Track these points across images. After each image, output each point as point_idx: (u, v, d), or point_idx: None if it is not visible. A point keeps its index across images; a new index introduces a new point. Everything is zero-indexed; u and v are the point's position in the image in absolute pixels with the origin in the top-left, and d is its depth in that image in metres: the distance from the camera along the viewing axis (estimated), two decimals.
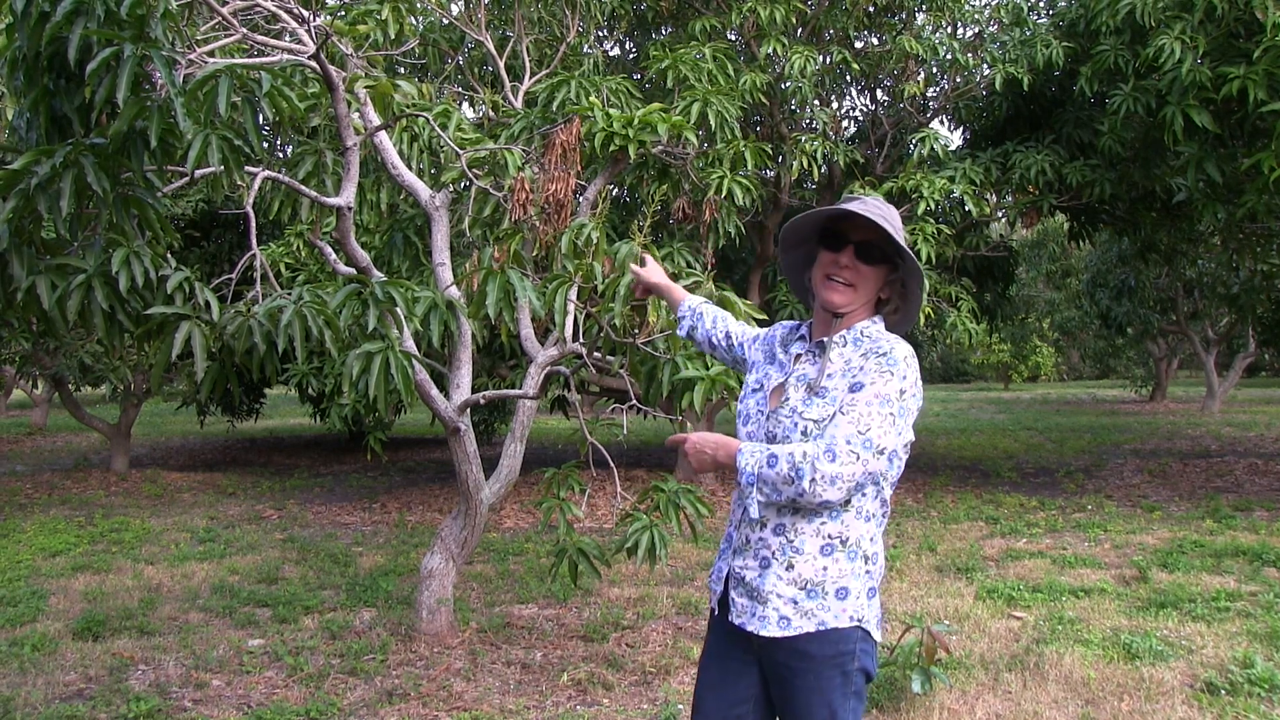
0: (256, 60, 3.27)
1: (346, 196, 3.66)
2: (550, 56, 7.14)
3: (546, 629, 4.90)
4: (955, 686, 3.91)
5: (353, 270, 3.93)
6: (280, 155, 6.01)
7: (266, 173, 3.57)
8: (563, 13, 7.31)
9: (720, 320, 2.45)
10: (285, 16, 3.82)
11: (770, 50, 7.89)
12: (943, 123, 12.17)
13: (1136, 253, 12.12)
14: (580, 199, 4.73)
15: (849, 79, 9.99)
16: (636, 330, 3.70)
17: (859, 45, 9.83)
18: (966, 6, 9.16)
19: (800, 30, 8.97)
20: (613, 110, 4.64)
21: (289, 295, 2.87)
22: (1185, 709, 3.69)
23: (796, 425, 1.92)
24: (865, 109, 11.04)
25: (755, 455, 1.88)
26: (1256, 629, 4.61)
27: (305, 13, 3.60)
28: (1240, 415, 17.83)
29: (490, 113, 6.09)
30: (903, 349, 1.91)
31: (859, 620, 1.90)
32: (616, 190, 8.73)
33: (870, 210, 1.97)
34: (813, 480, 1.79)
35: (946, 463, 11.79)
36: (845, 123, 10.97)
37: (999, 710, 3.72)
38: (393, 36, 4.51)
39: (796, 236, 2.14)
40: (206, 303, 2.83)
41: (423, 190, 4.62)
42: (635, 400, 4.19)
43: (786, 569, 1.92)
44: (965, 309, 8.66)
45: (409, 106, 4.65)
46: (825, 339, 2.00)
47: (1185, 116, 7.25)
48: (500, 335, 4.90)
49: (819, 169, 8.30)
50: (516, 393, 4.44)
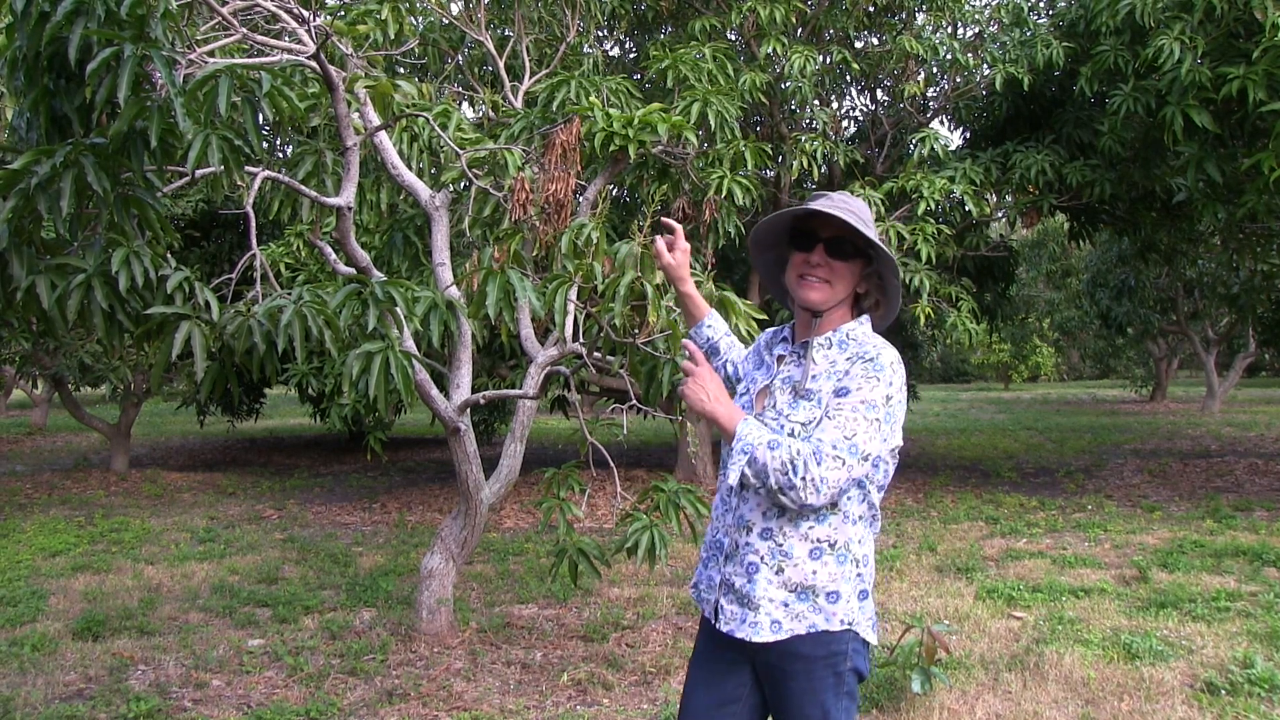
0: (256, 60, 3.27)
1: (346, 196, 3.66)
2: (550, 56, 7.14)
3: (546, 629, 4.90)
4: (955, 686, 3.91)
5: (353, 270, 3.93)
6: (280, 155, 6.01)
7: (266, 173, 3.57)
8: (563, 12, 7.31)
9: (729, 358, 2.37)
10: (285, 16, 3.82)
11: (770, 50, 7.89)
12: (943, 123, 12.18)
13: (1136, 253, 12.11)
14: (580, 199, 4.73)
15: (849, 79, 9.99)
16: (636, 330, 3.69)
17: (859, 45, 9.83)
18: (966, 6, 9.15)
19: (800, 30, 8.97)
20: (613, 110, 4.64)
21: (289, 295, 2.87)
22: (1185, 709, 3.69)
23: (782, 428, 1.92)
24: (865, 109, 11.06)
25: (758, 432, 1.85)
26: (1256, 629, 4.61)
27: (305, 13, 3.60)
28: (1240, 415, 17.83)
29: (490, 113, 6.09)
30: (889, 354, 1.89)
31: (850, 623, 1.91)
32: (616, 190, 8.73)
33: (837, 206, 1.95)
34: (804, 479, 1.78)
35: (946, 463, 11.79)
36: (845, 123, 10.97)
37: (999, 710, 3.72)
38: (392, 36, 4.51)
39: (768, 239, 2.13)
40: (206, 303, 2.83)
41: (423, 190, 4.62)
42: (635, 400, 4.19)
43: (776, 573, 1.91)
44: (965, 309, 8.66)
45: (409, 106, 4.65)
46: (808, 340, 1.99)
47: (1185, 116, 7.25)
48: (500, 335, 4.90)
49: (819, 169, 8.30)
50: (516, 393, 4.44)
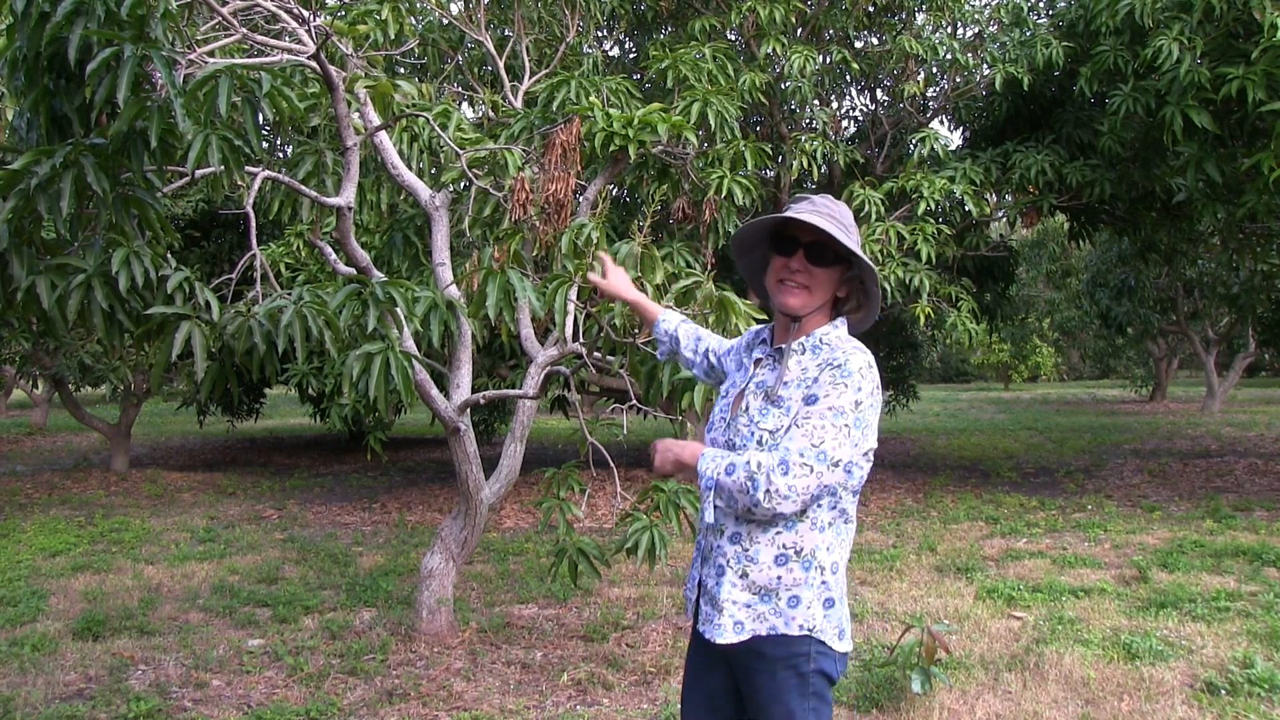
0: (256, 60, 3.27)
1: (346, 196, 3.66)
2: (550, 56, 7.14)
3: (546, 629, 4.90)
4: (955, 686, 3.91)
5: (353, 270, 3.93)
6: (280, 155, 6.01)
7: (266, 173, 3.57)
8: (562, 12, 7.31)
9: (700, 341, 2.40)
10: (285, 16, 3.82)
11: (770, 50, 7.89)
12: (943, 123, 12.18)
13: (1136, 253, 12.11)
14: (580, 199, 4.73)
15: (849, 79, 9.99)
16: (636, 330, 3.69)
17: (859, 45, 9.83)
18: (966, 6, 9.15)
19: (800, 30, 8.97)
20: (613, 110, 4.64)
21: (289, 295, 2.87)
22: (1185, 709, 3.69)
23: (753, 434, 1.93)
24: (865, 109, 11.05)
25: (715, 461, 1.88)
26: (1256, 629, 4.61)
27: (305, 13, 3.60)
28: (1240, 415, 17.83)
29: (490, 113, 6.09)
30: (858, 359, 1.88)
31: (810, 630, 1.91)
32: (616, 190, 8.73)
33: (819, 212, 1.95)
34: (767, 492, 1.79)
35: (946, 463, 11.79)
36: (845, 123, 10.97)
37: (999, 710, 3.72)
38: (392, 36, 4.51)
39: (750, 242, 2.12)
40: (206, 303, 2.83)
41: (423, 190, 4.62)
42: (635, 400, 4.19)
43: (741, 576, 1.93)
44: (965, 309, 8.66)
45: (409, 106, 4.65)
46: (784, 346, 1.99)
47: (1185, 117, 7.25)
48: (500, 335, 4.91)
49: (819, 169, 8.29)
50: (516, 393, 4.44)
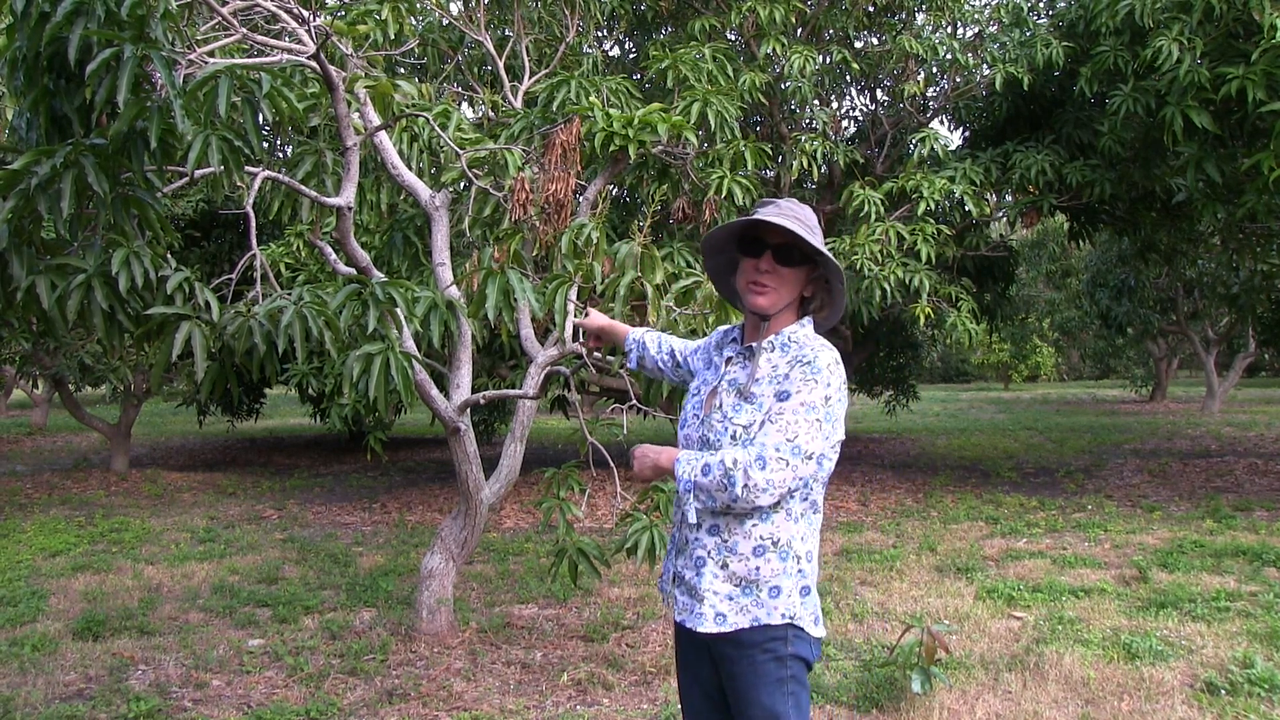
0: (256, 60, 3.27)
1: (346, 196, 3.66)
2: (550, 56, 7.14)
3: (546, 629, 4.90)
4: (955, 686, 3.91)
5: (353, 270, 3.93)
6: (280, 155, 6.01)
7: (266, 173, 3.57)
8: (562, 12, 7.30)
9: (664, 342, 2.50)
10: (285, 16, 3.83)
11: (770, 50, 7.89)
12: (943, 123, 12.19)
13: (1136, 253, 12.11)
14: (580, 199, 4.73)
15: (849, 79, 9.99)
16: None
17: (859, 45, 9.83)
18: (966, 6, 9.15)
19: (800, 30, 8.97)
20: (613, 110, 4.64)
21: (289, 295, 2.87)
22: (1185, 709, 3.69)
23: (726, 430, 2.00)
24: (865, 109, 11.05)
25: (691, 464, 1.96)
26: (1256, 629, 4.61)
27: (305, 13, 3.60)
28: (1240, 415, 17.83)
29: (490, 113, 6.08)
30: (826, 356, 1.97)
31: (791, 617, 1.98)
32: (616, 190, 8.73)
33: (785, 214, 2.02)
34: (745, 487, 1.87)
35: (946, 463, 11.79)
36: (845, 123, 10.97)
37: (999, 710, 3.72)
38: (392, 36, 4.51)
39: (718, 244, 2.21)
40: (206, 303, 2.83)
41: (423, 190, 4.62)
42: (635, 400, 4.19)
43: (721, 568, 2.00)
44: (965, 309, 8.66)
45: (409, 106, 4.65)
46: (754, 344, 2.06)
47: (1185, 117, 7.25)
48: (500, 335, 4.91)
49: (819, 169, 8.29)
50: (516, 393, 4.44)
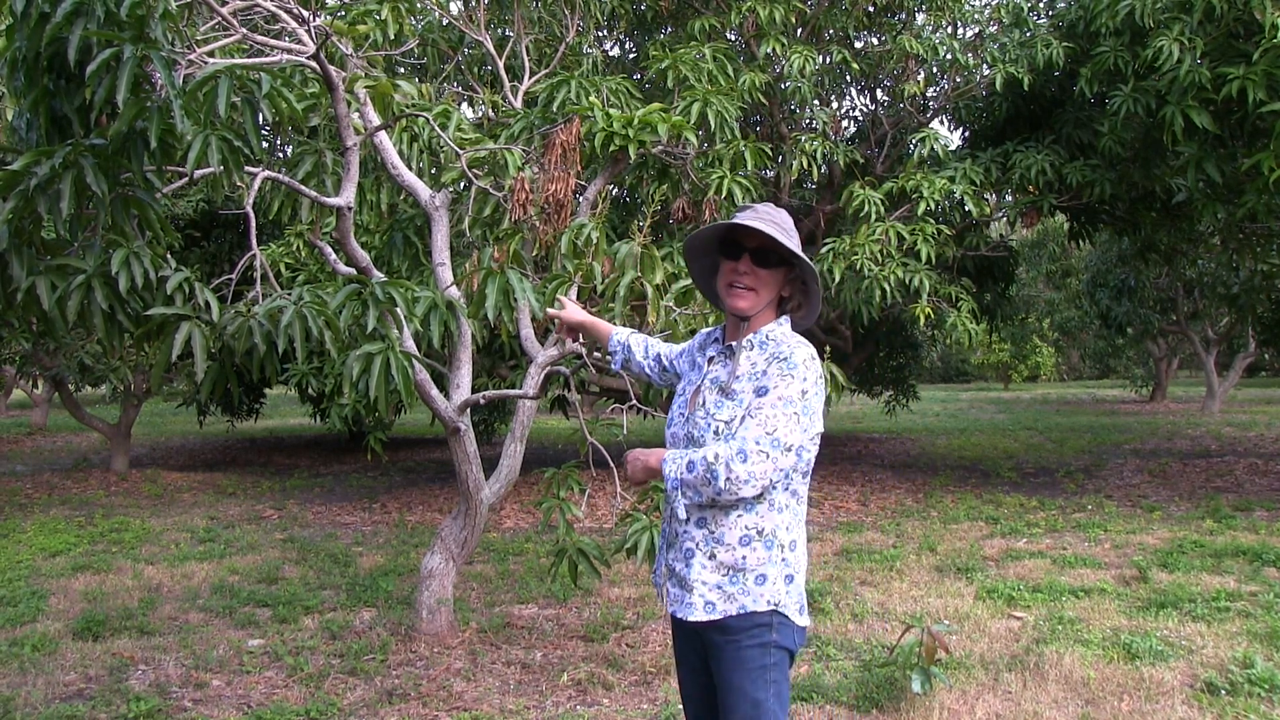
0: (256, 60, 3.27)
1: (346, 196, 3.66)
2: (550, 56, 7.14)
3: (546, 629, 4.90)
4: (955, 686, 3.91)
5: (353, 270, 3.93)
6: (280, 155, 6.01)
7: (266, 173, 3.57)
8: (562, 12, 7.30)
9: (651, 347, 2.57)
10: (285, 16, 3.83)
11: (770, 50, 7.89)
12: (943, 123, 12.18)
13: (1136, 253, 12.10)
14: (580, 199, 4.73)
15: (849, 79, 9.98)
16: (637, 330, 3.69)
17: (859, 45, 9.83)
18: (966, 6, 9.15)
19: (800, 30, 8.97)
20: (613, 110, 4.64)
21: (289, 295, 2.87)
22: (1185, 709, 3.69)
23: (709, 426, 2.09)
24: (865, 109, 11.05)
25: (676, 462, 2.04)
26: (1256, 629, 4.61)
27: (305, 13, 3.60)
28: (1240, 415, 17.83)
29: (490, 113, 6.08)
30: (802, 352, 2.05)
31: (775, 605, 2.06)
32: (616, 190, 8.72)
33: (762, 218, 2.12)
34: (728, 479, 1.96)
35: (946, 463, 11.79)
36: (845, 123, 10.96)
37: (999, 710, 3.72)
38: (392, 36, 4.50)
39: (699, 248, 2.30)
40: (206, 303, 2.83)
41: (423, 190, 4.62)
42: (635, 400, 4.19)
43: (709, 558, 2.08)
44: (965, 309, 8.65)
45: (409, 106, 4.65)
46: (734, 343, 2.16)
47: (1185, 117, 7.25)
48: (500, 335, 4.91)
49: (819, 169, 8.29)
50: (516, 393, 4.44)
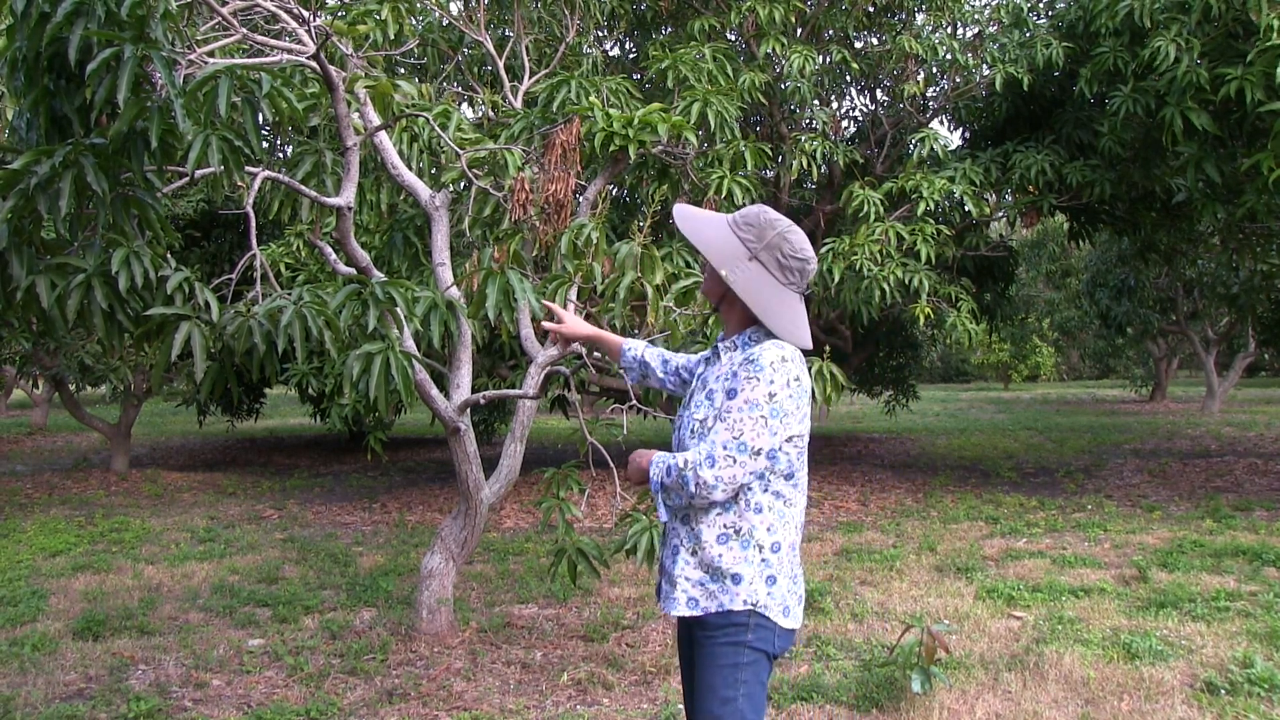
0: (256, 60, 3.27)
1: (346, 196, 3.66)
2: (550, 56, 7.14)
3: (546, 629, 4.90)
4: (955, 686, 3.91)
5: (353, 270, 3.93)
6: (280, 155, 6.01)
7: (266, 173, 3.57)
8: (562, 12, 7.30)
9: (669, 359, 2.57)
10: (285, 16, 3.83)
11: (770, 50, 7.89)
12: (943, 123, 12.18)
13: (1136, 253, 12.11)
14: (580, 199, 4.73)
15: (849, 79, 9.98)
16: (636, 330, 3.70)
17: (859, 45, 9.83)
18: (966, 6, 9.15)
19: (800, 30, 8.97)
20: (613, 110, 4.64)
21: (289, 295, 2.87)
22: (1185, 709, 3.69)
23: (688, 425, 2.15)
24: (865, 109, 11.05)
25: (659, 466, 2.09)
26: (1256, 629, 4.61)
27: (305, 13, 3.60)
28: (1240, 415, 17.83)
29: (490, 113, 6.08)
30: (771, 354, 2.03)
31: (754, 605, 2.07)
32: (616, 190, 8.73)
33: (688, 219, 2.19)
34: (697, 484, 2.00)
35: (946, 463, 11.79)
36: (845, 123, 10.97)
37: (999, 710, 3.72)
38: (392, 36, 4.51)
39: None
40: (206, 303, 2.83)
41: (423, 190, 4.62)
42: (635, 400, 4.19)
43: (691, 554, 2.12)
44: (965, 309, 8.65)
45: (409, 106, 4.65)
46: (719, 344, 2.21)
47: (1184, 117, 7.25)
48: (500, 335, 4.91)
49: (819, 169, 8.29)
50: (516, 393, 4.44)
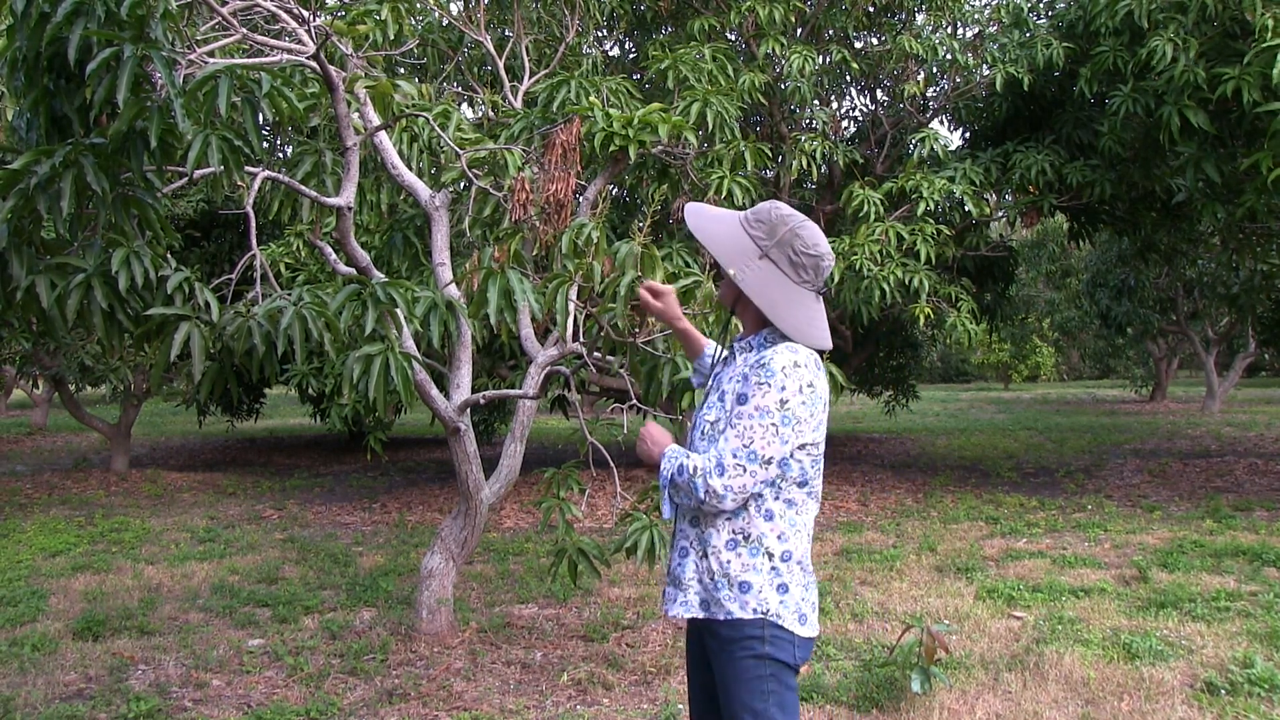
0: (256, 60, 3.27)
1: (346, 196, 3.66)
2: (550, 56, 7.14)
3: (546, 629, 4.90)
4: (955, 686, 3.91)
5: (353, 270, 3.93)
6: (280, 155, 6.01)
7: (266, 173, 3.57)
8: (562, 13, 7.30)
9: None
10: (285, 16, 3.83)
11: (770, 50, 7.89)
12: (943, 123, 12.18)
13: (1136, 253, 12.10)
14: (580, 199, 4.73)
15: (849, 79, 9.99)
16: (636, 330, 3.69)
17: (859, 45, 9.83)
18: (966, 6, 9.15)
19: (800, 30, 8.97)
20: (613, 110, 4.64)
21: (289, 296, 2.87)
22: (1185, 709, 3.69)
23: (699, 426, 2.10)
24: (865, 109, 11.05)
25: (671, 460, 2.02)
26: (1256, 629, 4.61)
27: (305, 13, 3.60)
28: (1240, 415, 17.83)
29: (490, 113, 6.08)
30: (783, 358, 1.94)
31: (764, 613, 1.99)
32: (616, 190, 8.73)
33: (692, 215, 2.13)
34: (706, 492, 1.94)
35: (946, 463, 11.79)
36: (845, 123, 10.97)
37: (999, 710, 3.72)
38: (392, 37, 4.51)
39: None
40: (206, 303, 2.83)
41: (423, 190, 4.62)
42: (635, 400, 4.18)
43: (701, 558, 2.05)
44: (965, 309, 8.65)
45: (409, 106, 4.65)
46: (733, 344, 2.14)
47: (1182, 117, 7.25)
48: (500, 335, 4.90)
49: (819, 169, 8.29)
50: (516, 393, 4.44)
